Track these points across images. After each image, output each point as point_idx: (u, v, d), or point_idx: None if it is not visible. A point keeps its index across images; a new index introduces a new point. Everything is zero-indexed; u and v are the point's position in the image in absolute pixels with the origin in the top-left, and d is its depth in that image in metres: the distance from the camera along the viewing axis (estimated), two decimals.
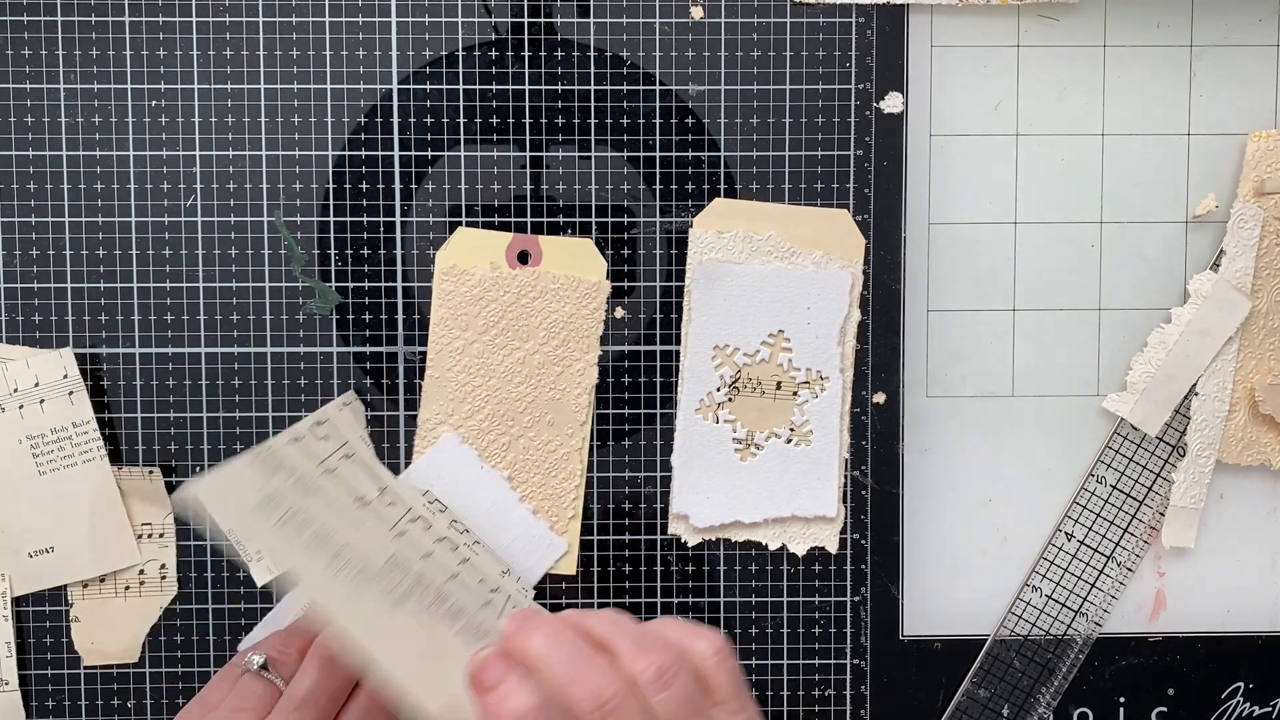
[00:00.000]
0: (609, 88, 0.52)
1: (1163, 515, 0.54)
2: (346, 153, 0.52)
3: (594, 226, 0.52)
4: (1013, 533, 0.54)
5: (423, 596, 0.43)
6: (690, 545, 0.53)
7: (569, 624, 0.40)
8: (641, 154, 0.52)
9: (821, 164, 0.52)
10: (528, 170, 0.52)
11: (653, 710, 0.37)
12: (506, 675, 0.39)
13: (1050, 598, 0.54)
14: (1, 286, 0.52)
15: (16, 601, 0.52)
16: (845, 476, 0.53)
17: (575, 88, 0.52)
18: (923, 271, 0.53)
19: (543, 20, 0.51)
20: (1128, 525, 0.54)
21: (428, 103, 0.51)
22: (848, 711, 0.54)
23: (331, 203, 0.52)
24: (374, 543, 0.43)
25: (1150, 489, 0.54)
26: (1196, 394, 0.53)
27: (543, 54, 0.52)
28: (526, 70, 0.52)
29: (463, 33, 0.51)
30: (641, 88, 0.52)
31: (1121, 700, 0.54)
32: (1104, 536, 0.54)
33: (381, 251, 0.52)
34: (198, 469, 0.52)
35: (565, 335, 0.51)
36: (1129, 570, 0.54)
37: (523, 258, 0.51)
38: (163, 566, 0.52)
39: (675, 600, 0.53)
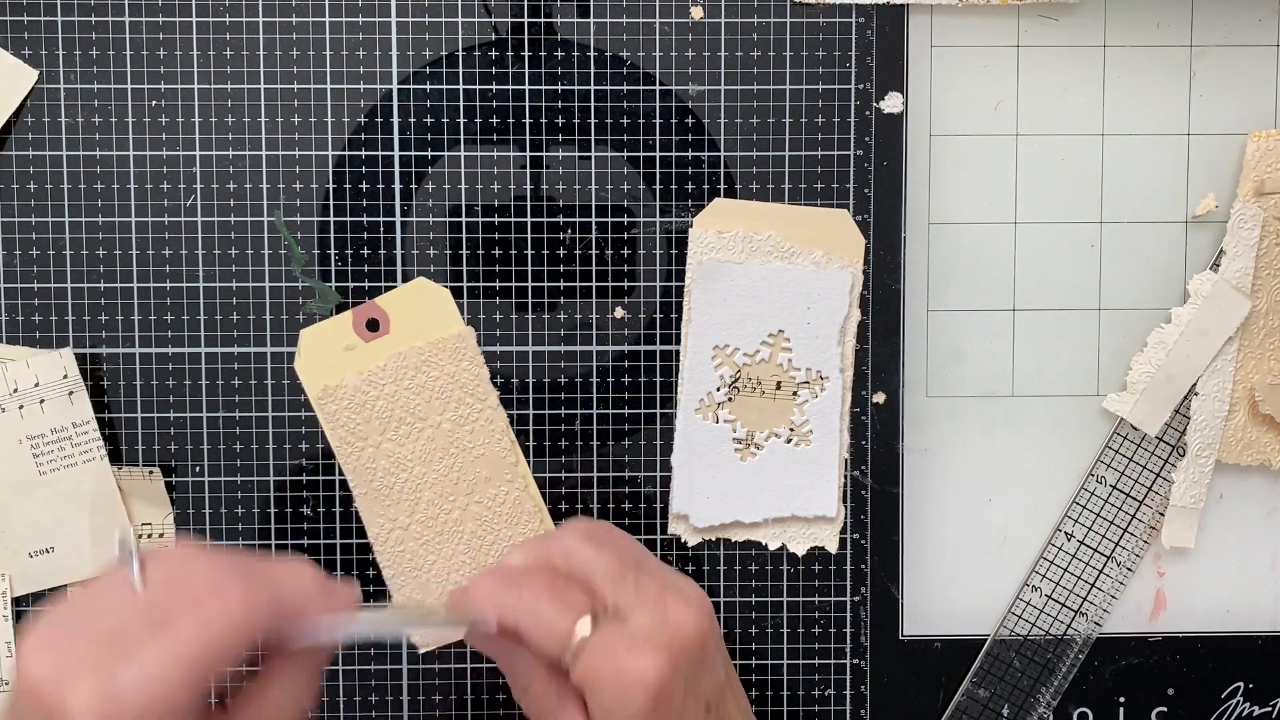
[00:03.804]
0: (609, 88, 0.52)
1: (1163, 515, 0.54)
2: (346, 153, 0.52)
3: (594, 226, 0.52)
4: (1013, 533, 0.54)
5: None
6: (690, 545, 0.53)
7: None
8: (641, 154, 0.52)
9: (821, 164, 0.52)
10: (528, 170, 0.52)
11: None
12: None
13: (1050, 598, 0.54)
14: (1, 286, 0.52)
15: (16, 601, 0.52)
16: (845, 476, 0.53)
17: (575, 88, 0.52)
18: (923, 271, 0.53)
19: (543, 20, 0.51)
20: (1128, 525, 0.54)
21: (428, 103, 0.51)
22: (848, 711, 0.54)
23: (331, 203, 0.52)
24: None
25: (1150, 489, 0.54)
26: (1196, 394, 0.53)
27: (543, 54, 0.52)
28: (526, 70, 0.52)
29: (463, 33, 0.51)
30: (641, 88, 0.52)
31: (1121, 700, 0.54)
32: (1104, 536, 0.54)
33: (381, 251, 0.52)
34: (197, 469, 0.52)
35: (457, 396, 0.51)
36: (1129, 570, 0.54)
37: (372, 325, 0.51)
38: None
39: None
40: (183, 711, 0.34)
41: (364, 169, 0.52)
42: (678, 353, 0.53)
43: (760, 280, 0.52)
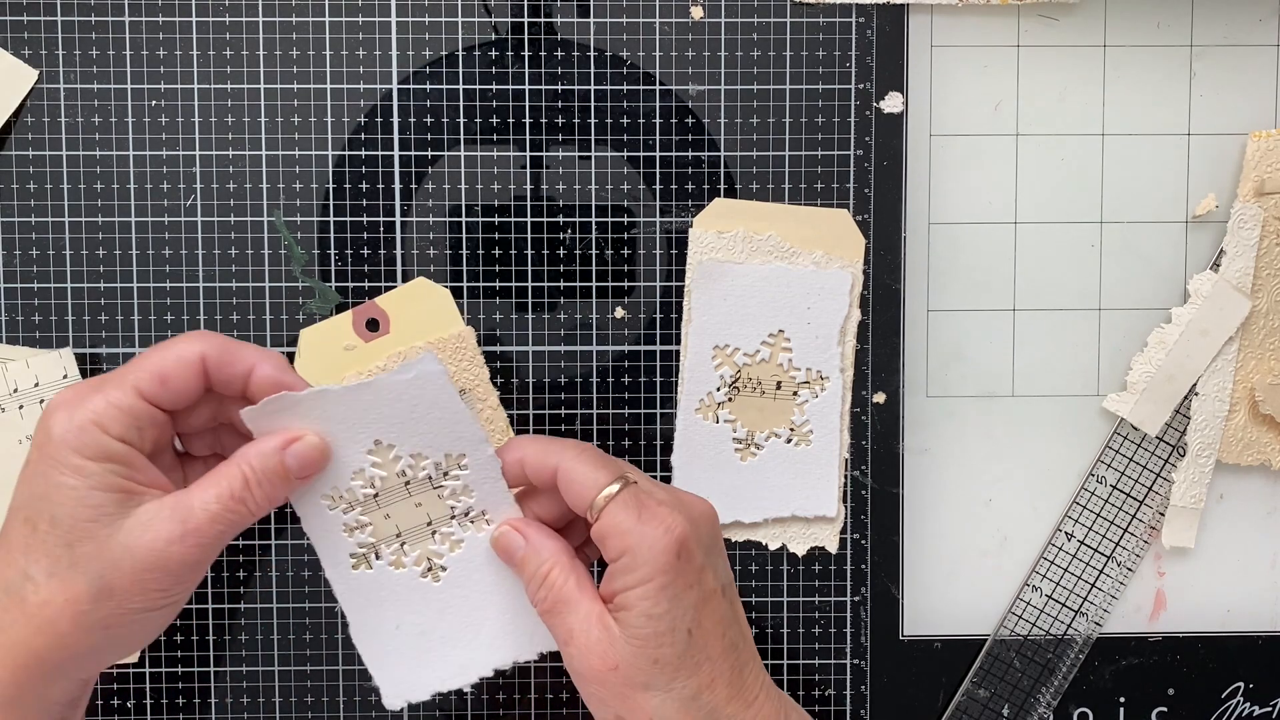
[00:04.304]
0: (609, 88, 0.52)
1: (1163, 515, 0.54)
2: (346, 153, 0.52)
3: (594, 226, 0.52)
4: (1013, 533, 0.54)
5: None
6: None
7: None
8: (641, 154, 0.52)
9: (821, 164, 0.52)
10: (528, 170, 0.52)
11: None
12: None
13: (1050, 598, 0.54)
14: (1, 286, 0.52)
15: None
16: (845, 476, 0.53)
17: (575, 88, 0.52)
18: (923, 271, 0.53)
19: (543, 20, 0.51)
20: (1128, 525, 0.54)
21: (428, 103, 0.52)
22: (848, 711, 0.54)
23: (331, 203, 0.52)
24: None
25: (1150, 489, 0.54)
26: (1196, 394, 0.53)
27: (543, 54, 0.52)
28: (526, 70, 0.52)
29: (463, 33, 0.51)
30: (641, 88, 0.52)
31: (1121, 700, 0.54)
32: (1104, 536, 0.54)
33: (381, 251, 0.52)
34: None
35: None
36: (1129, 570, 0.54)
37: (372, 325, 0.51)
38: None
39: None
40: (140, 420, 0.39)
41: (364, 169, 0.52)
42: (678, 353, 0.53)
43: (760, 280, 0.52)
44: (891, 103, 0.52)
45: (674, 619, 0.39)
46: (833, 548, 0.53)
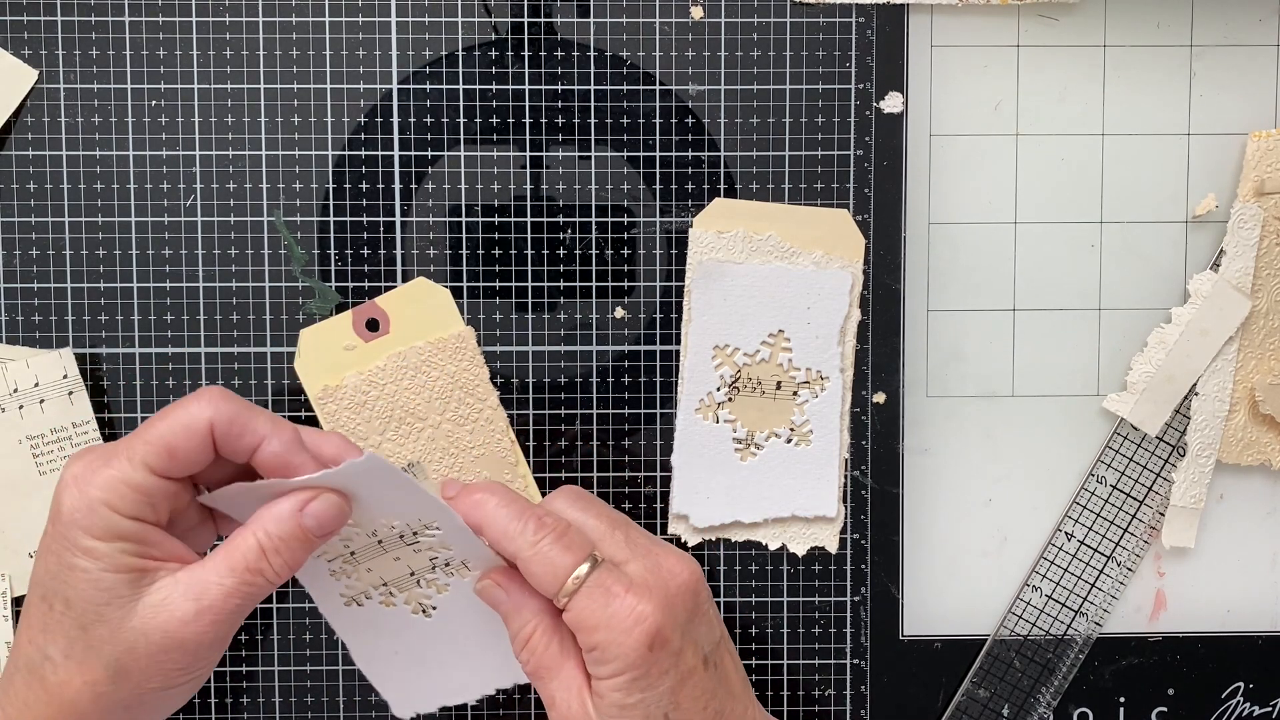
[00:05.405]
0: (609, 88, 0.52)
1: (1163, 515, 0.54)
2: (346, 153, 0.52)
3: (594, 226, 0.52)
4: (1013, 533, 0.54)
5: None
6: (690, 545, 0.53)
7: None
8: (641, 154, 0.52)
9: (821, 164, 0.52)
10: (528, 170, 0.52)
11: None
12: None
13: (1050, 598, 0.54)
14: (1, 286, 0.52)
15: (16, 602, 0.52)
16: (845, 476, 0.53)
17: (575, 88, 0.52)
18: (923, 271, 0.53)
19: (543, 20, 0.51)
20: (1128, 525, 0.54)
21: (428, 103, 0.52)
22: (848, 711, 0.54)
23: (331, 203, 0.52)
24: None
25: (1150, 489, 0.54)
26: (1196, 394, 0.53)
27: (543, 54, 0.52)
28: (526, 70, 0.52)
29: (463, 33, 0.51)
30: (641, 88, 0.52)
31: (1121, 700, 0.54)
32: (1104, 536, 0.54)
33: (381, 251, 0.52)
34: None
35: (457, 396, 0.51)
36: (1129, 570, 0.54)
37: (372, 325, 0.51)
38: None
39: None
40: (152, 496, 0.38)
41: (364, 169, 0.52)
42: (678, 353, 0.53)
43: (760, 280, 0.52)
44: (891, 103, 0.52)
45: (648, 707, 0.38)
46: (833, 548, 0.53)
